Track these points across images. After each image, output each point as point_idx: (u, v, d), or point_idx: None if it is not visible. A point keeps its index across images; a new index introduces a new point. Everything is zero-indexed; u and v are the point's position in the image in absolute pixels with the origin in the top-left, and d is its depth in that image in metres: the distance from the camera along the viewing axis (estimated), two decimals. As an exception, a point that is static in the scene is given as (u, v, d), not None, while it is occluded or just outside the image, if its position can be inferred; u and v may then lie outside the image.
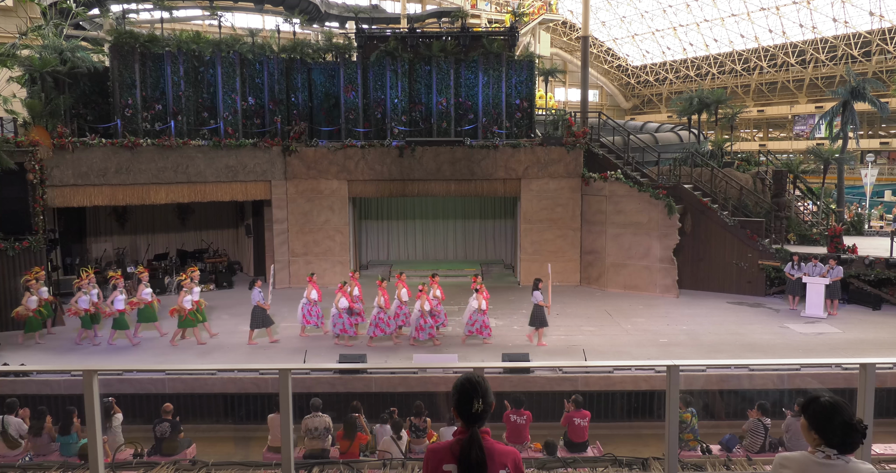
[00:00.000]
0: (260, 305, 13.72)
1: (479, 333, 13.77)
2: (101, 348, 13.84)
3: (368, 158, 19.15)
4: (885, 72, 40.75)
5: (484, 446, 2.96)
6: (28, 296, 13.91)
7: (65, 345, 14.03)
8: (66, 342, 14.22)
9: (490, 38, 20.22)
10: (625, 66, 59.44)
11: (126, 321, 13.76)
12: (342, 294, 13.80)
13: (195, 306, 13.85)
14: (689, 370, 10.73)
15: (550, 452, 8.45)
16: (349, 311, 13.83)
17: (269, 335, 14.10)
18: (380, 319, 13.68)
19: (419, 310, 13.55)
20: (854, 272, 16.48)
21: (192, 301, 13.75)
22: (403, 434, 8.69)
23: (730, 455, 7.74)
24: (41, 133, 16.00)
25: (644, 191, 18.16)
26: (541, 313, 13.51)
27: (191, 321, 13.77)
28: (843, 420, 2.87)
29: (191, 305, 13.72)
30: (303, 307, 14.32)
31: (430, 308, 13.59)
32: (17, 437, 8.78)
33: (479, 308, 13.63)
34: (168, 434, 8.72)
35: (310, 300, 14.25)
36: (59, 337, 14.51)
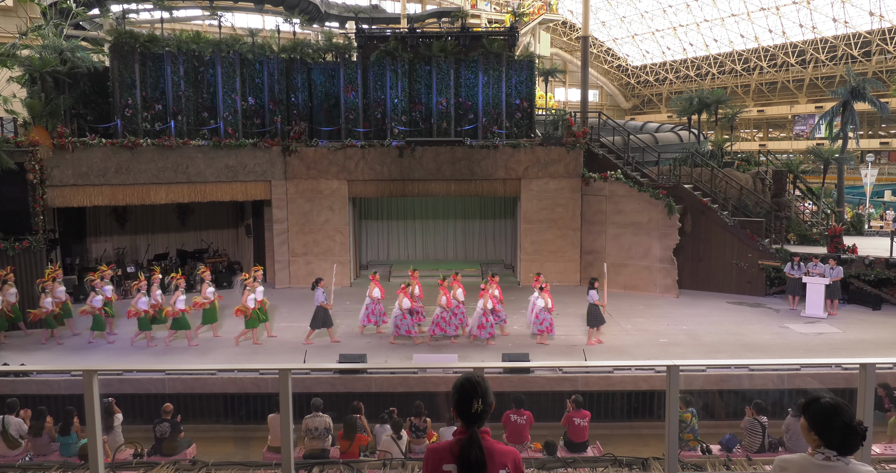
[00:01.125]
0: (322, 305, 13.73)
1: (549, 331, 13.74)
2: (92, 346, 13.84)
3: (368, 158, 19.15)
4: (885, 72, 40.75)
5: (484, 446, 2.97)
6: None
7: (64, 345, 14.02)
8: (64, 342, 14.21)
9: (490, 38, 20.22)
10: (625, 66, 59.44)
11: (188, 321, 13.74)
12: (404, 294, 13.86)
13: (258, 305, 13.79)
14: (689, 370, 10.73)
15: (550, 452, 8.45)
16: (409, 311, 13.89)
17: (330, 335, 14.08)
18: (441, 318, 13.71)
19: (482, 308, 13.60)
20: (854, 272, 16.48)
21: (255, 300, 13.69)
22: (403, 433, 8.69)
23: (730, 455, 7.75)
24: (41, 133, 16.00)
25: (644, 191, 18.16)
26: (597, 312, 13.54)
27: (255, 321, 13.71)
28: (842, 421, 2.86)
29: (254, 304, 13.67)
30: (367, 306, 14.40)
31: (492, 307, 13.62)
32: (17, 437, 8.78)
33: (545, 307, 13.61)
34: (168, 434, 8.72)
35: (373, 299, 14.32)
36: (60, 337, 14.48)
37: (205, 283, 14.28)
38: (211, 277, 14.74)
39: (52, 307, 13.88)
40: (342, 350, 13.27)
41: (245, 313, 13.59)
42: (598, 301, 13.54)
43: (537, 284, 14.05)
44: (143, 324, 13.71)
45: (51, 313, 13.86)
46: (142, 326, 13.73)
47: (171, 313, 13.63)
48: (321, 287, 13.74)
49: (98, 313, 13.75)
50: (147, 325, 13.73)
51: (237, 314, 13.78)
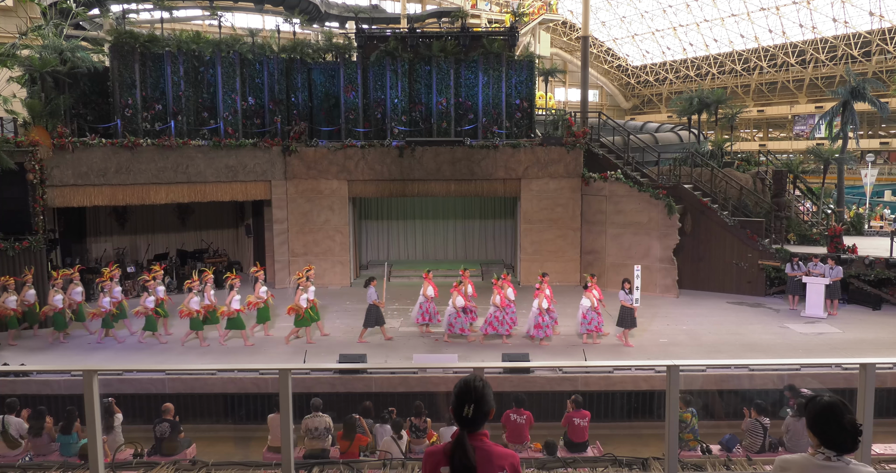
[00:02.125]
0: (375, 303, 13.75)
1: (597, 330, 13.79)
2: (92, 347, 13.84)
3: (368, 158, 19.15)
4: (885, 72, 40.74)
5: (482, 448, 2.97)
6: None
7: (64, 345, 14.02)
8: (66, 341, 14.20)
9: (490, 39, 20.22)
10: (625, 66, 59.43)
11: (243, 320, 13.76)
12: (458, 293, 13.90)
13: (310, 304, 13.84)
14: (689, 370, 10.73)
15: (550, 452, 8.45)
16: (463, 309, 13.94)
17: (383, 333, 14.13)
18: (494, 318, 13.73)
19: (537, 308, 13.65)
20: (854, 272, 16.48)
21: (307, 300, 13.75)
22: (403, 433, 8.69)
23: (730, 455, 7.74)
24: (41, 133, 15.99)
25: (644, 191, 18.16)
26: (628, 313, 13.55)
27: (306, 320, 13.76)
28: (838, 420, 2.87)
29: (306, 303, 13.72)
30: (421, 304, 14.44)
31: (548, 306, 13.67)
32: (17, 437, 8.78)
33: (591, 306, 13.66)
34: (168, 434, 8.71)
35: (427, 297, 14.38)
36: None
37: (258, 282, 14.31)
38: (264, 277, 14.76)
39: (109, 307, 13.94)
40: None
41: (297, 312, 13.65)
42: (630, 303, 13.53)
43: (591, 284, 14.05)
44: (194, 324, 13.74)
45: (108, 312, 13.92)
46: (193, 326, 13.76)
47: (226, 313, 13.67)
48: (373, 286, 13.78)
49: (151, 313, 13.80)
50: (199, 325, 13.75)
51: (289, 312, 13.87)
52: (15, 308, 13.82)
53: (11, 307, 13.76)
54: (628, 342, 13.72)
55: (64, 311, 13.89)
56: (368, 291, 13.82)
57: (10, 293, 13.87)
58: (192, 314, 13.65)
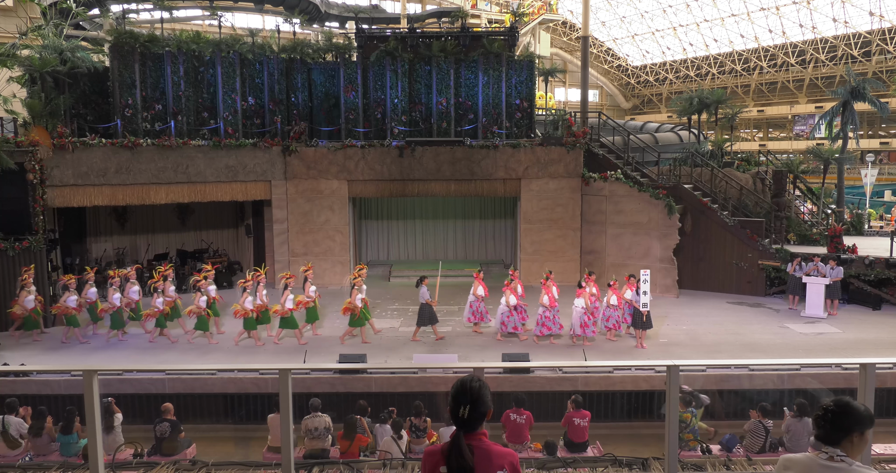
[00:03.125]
0: (428, 302, 13.76)
1: (616, 328, 13.96)
2: (92, 347, 13.84)
3: (368, 158, 19.15)
4: (885, 72, 40.74)
5: (481, 448, 2.97)
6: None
7: (64, 345, 14.02)
8: (66, 341, 14.20)
9: (490, 39, 20.22)
10: (625, 66, 59.43)
11: (296, 320, 13.80)
12: (510, 291, 13.95)
13: (364, 303, 13.91)
14: (689, 370, 10.73)
15: (550, 452, 8.45)
16: (515, 308, 13.99)
17: (434, 331, 14.13)
18: (546, 318, 13.76)
19: (582, 307, 13.70)
20: (854, 272, 16.47)
21: (361, 299, 13.79)
22: (403, 433, 8.69)
23: (730, 455, 7.74)
24: (41, 133, 15.99)
25: (644, 191, 18.16)
26: (640, 315, 13.55)
27: (361, 320, 13.79)
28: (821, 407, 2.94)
29: (361, 303, 13.77)
30: (471, 304, 14.48)
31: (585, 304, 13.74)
32: (17, 437, 8.78)
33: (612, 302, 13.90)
34: (168, 434, 8.71)
35: (477, 297, 14.42)
36: (58, 337, 14.48)
37: (307, 282, 14.32)
38: (312, 276, 14.83)
39: (163, 307, 13.99)
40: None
41: (353, 311, 13.68)
42: (639, 305, 13.50)
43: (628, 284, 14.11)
44: (248, 324, 13.75)
45: (162, 312, 13.98)
46: (247, 325, 13.77)
47: (280, 312, 13.68)
48: (425, 285, 13.81)
49: (203, 313, 13.84)
50: (252, 324, 13.75)
51: (344, 312, 13.91)
52: (76, 307, 13.97)
53: (73, 306, 13.91)
54: (641, 343, 13.63)
55: (121, 310, 14.05)
56: (421, 290, 13.85)
57: (72, 292, 14.05)
58: (246, 314, 13.66)
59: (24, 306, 13.90)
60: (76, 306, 13.99)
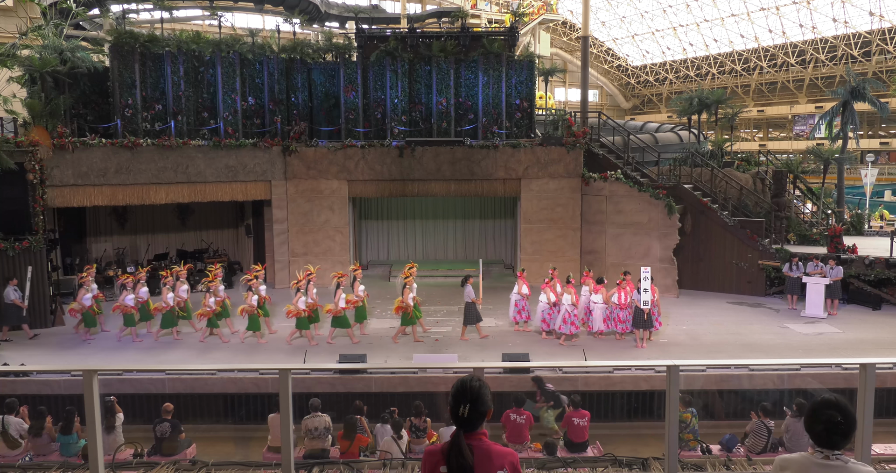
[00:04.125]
0: (473, 301, 13.80)
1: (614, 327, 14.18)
2: (92, 347, 13.85)
3: (368, 158, 19.15)
4: (885, 72, 40.75)
5: (481, 447, 2.97)
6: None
7: (64, 345, 14.03)
8: (65, 342, 14.22)
9: (490, 39, 20.22)
10: (625, 66, 59.43)
11: (348, 319, 13.90)
12: (550, 289, 14.06)
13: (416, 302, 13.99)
14: (689, 370, 10.72)
15: (550, 452, 8.45)
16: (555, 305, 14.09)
17: (478, 331, 14.14)
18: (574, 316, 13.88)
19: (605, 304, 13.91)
20: (854, 272, 16.47)
21: (413, 298, 13.87)
22: (403, 433, 8.69)
23: (730, 455, 7.75)
24: (41, 133, 15.99)
25: (644, 191, 18.16)
26: (640, 314, 13.61)
27: (413, 319, 13.87)
28: (817, 416, 2.91)
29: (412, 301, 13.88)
30: (516, 302, 14.58)
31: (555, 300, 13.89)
32: (17, 437, 8.78)
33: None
34: (168, 434, 8.71)
35: (522, 295, 14.52)
36: (58, 337, 14.49)
37: (356, 281, 14.36)
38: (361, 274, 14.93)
39: (214, 306, 14.07)
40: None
41: (406, 310, 13.75)
42: (640, 303, 13.54)
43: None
44: (301, 323, 13.84)
45: (214, 312, 14.09)
46: (300, 325, 13.86)
47: (334, 311, 13.74)
48: (470, 284, 13.83)
49: (255, 313, 13.95)
50: (305, 324, 13.86)
51: (397, 312, 13.97)
52: (134, 306, 14.08)
53: (130, 305, 14.02)
54: (640, 343, 13.63)
55: (174, 309, 14.17)
56: (466, 289, 13.88)
57: (129, 291, 14.15)
58: (299, 314, 13.73)
59: (83, 303, 14.08)
60: (133, 304, 14.12)
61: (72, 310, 14.27)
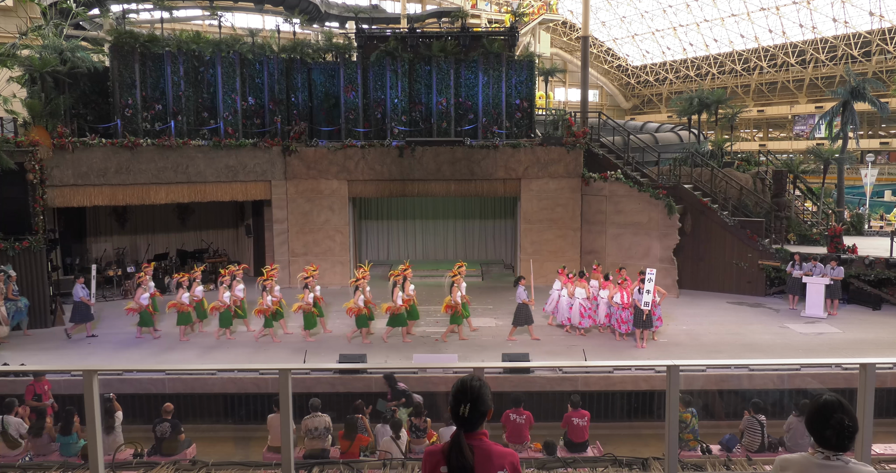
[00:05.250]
0: (524, 302, 13.78)
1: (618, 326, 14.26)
2: (92, 347, 13.84)
3: (368, 158, 19.15)
4: (885, 72, 40.74)
5: (481, 447, 2.97)
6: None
7: (64, 345, 14.03)
8: (65, 342, 14.21)
9: (490, 39, 20.22)
10: (625, 66, 59.43)
11: (405, 317, 13.98)
12: (613, 288, 14.15)
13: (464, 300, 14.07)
14: (689, 370, 10.72)
15: (550, 452, 8.45)
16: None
17: (530, 332, 14.14)
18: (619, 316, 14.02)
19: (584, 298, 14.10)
20: (854, 272, 16.47)
21: (462, 297, 13.94)
22: (403, 433, 8.68)
23: (730, 455, 7.74)
24: (41, 133, 15.99)
25: (644, 191, 18.16)
26: (641, 314, 13.58)
27: (460, 318, 13.97)
28: (825, 418, 2.88)
29: (461, 300, 13.96)
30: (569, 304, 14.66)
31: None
32: (17, 437, 8.77)
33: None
34: (168, 434, 8.71)
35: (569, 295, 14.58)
36: (58, 337, 14.48)
37: (407, 281, 14.38)
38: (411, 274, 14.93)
39: (272, 306, 14.15)
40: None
41: (455, 309, 13.82)
42: (641, 304, 13.47)
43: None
44: (360, 321, 13.95)
45: (271, 311, 14.16)
46: (359, 323, 13.97)
47: (393, 309, 13.85)
48: (522, 285, 13.82)
49: (311, 311, 14.05)
50: (364, 322, 13.98)
51: (446, 310, 14.07)
52: (190, 305, 14.17)
53: (186, 303, 14.11)
54: (640, 343, 13.63)
55: (230, 308, 14.24)
56: (518, 290, 13.86)
57: (185, 290, 14.24)
58: (359, 312, 13.87)
59: (140, 302, 14.16)
60: (189, 303, 14.19)
61: (129, 309, 14.34)
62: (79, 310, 14.33)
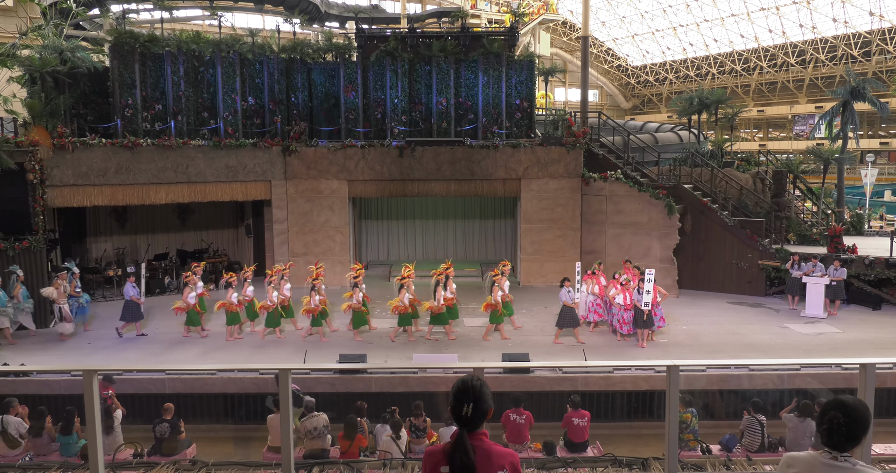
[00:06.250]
0: (567, 304, 13.81)
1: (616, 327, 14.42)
2: (92, 347, 13.84)
3: (368, 158, 19.15)
4: (885, 72, 40.74)
5: (482, 447, 2.97)
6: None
7: (64, 345, 14.02)
8: (65, 342, 14.21)
9: (490, 39, 20.22)
10: (625, 66, 59.43)
11: (446, 316, 14.05)
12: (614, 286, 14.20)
13: (505, 299, 14.11)
14: (689, 370, 10.72)
15: (550, 452, 8.45)
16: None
17: (576, 335, 14.09)
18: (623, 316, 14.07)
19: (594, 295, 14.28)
20: (854, 272, 16.46)
21: (502, 295, 13.99)
22: (403, 433, 8.68)
23: (730, 455, 7.74)
24: (41, 133, 15.99)
25: (644, 191, 18.16)
26: (640, 314, 13.59)
27: (500, 318, 14.00)
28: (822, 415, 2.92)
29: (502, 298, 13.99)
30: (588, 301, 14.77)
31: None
32: (16, 437, 8.77)
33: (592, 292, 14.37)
34: (168, 434, 8.71)
35: (595, 295, 14.66)
36: (58, 337, 14.46)
37: (449, 279, 14.43)
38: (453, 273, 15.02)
39: (319, 305, 14.20)
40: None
41: (495, 307, 13.88)
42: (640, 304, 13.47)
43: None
44: (403, 320, 14.08)
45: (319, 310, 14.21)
46: (402, 321, 14.11)
47: (435, 308, 13.91)
48: (567, 286, 13.84)
49: (361, 309, 14.15)
50: (408, 321, 14.14)
51: (485, 309, 14.13)
52: (238, 304, 14.22)
53: (235, 303, 14.17)
54: (641, 342, 13.62)
55: (277, 308, 14.28)
56: (561, 292, 13.86)
57: (234, 289, 14.29)
58: (404, 311, 14.00)
59: (188, 301, 14.22)
60: (238, 302, 14.21)
61: (177, 308, 14.39)
62: (129, 309, 14.42)
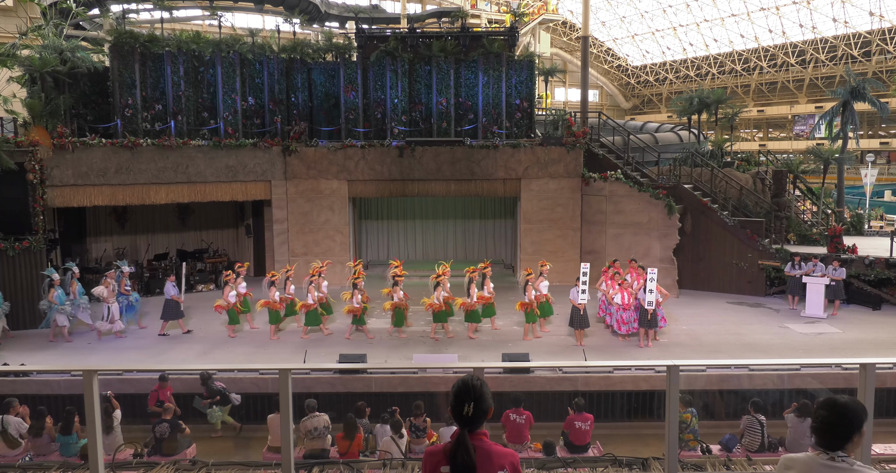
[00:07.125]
0: (574, 304, 13.80)
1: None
2: (92, 347, 13.84)
3: (368, 158, 19.15)
4: (885, 72, 40.75)
5: (482, 447, 2.97)
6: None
7: (64, 345, 14.02)
8: (64, 342, 14.20)
9: (490, 39, 20.22)
10: (625, 66, 59.43)
11: (479, 314, 14.15)
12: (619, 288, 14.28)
13: (540, 299, 14.18)
14: (689, 370, 10.72)
15: (550, 452, 8.45)
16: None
17: (579, 336, 14.06)
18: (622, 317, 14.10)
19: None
20: (854, 272, 16.47)
21: (536, 296, 14.05)
22: (403, 433, 8.68)
23: (730, 455, 7.74)
24: (41, 133, 15.99)
25: (644, 191, 18.16)
26: (644, 313, 13.55)
27: (535, 317, 14.07)
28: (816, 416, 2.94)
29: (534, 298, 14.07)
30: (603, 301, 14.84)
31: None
32: (16, 437, 8.77)
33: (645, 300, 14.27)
34: (168, 434, 8.71)
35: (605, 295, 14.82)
36: (57, 337, 14.47)
37: (486, 279, 14.47)
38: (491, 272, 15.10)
39: (360, 304, 14.26)
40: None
41: (529, 307, 13.93)
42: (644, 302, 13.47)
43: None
44: (439, 317, 14.15)
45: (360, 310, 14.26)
46: (438, 318, 14.21)
47: (467, 306, 13.98)
48: (577, 286, 13.91)
49: (403, 307, 14.26)
50: (443, 318, 14.19)
51: (520, 308, 14.18)
52: (280, 303, 14.30)
53: (278, 302, 14.26)
54: (643, 342, 13.60)
55: (317, 307, 14.36)
56: (571, 292, 13.88)
57: (277, 288, 14.35)
58: (439, 309, 14.04)
59: (228, 300, 14.29)
60: (280, 301, 14.28)
61: (217, 307, 14.44)
62: (169, 308, 14.50)
